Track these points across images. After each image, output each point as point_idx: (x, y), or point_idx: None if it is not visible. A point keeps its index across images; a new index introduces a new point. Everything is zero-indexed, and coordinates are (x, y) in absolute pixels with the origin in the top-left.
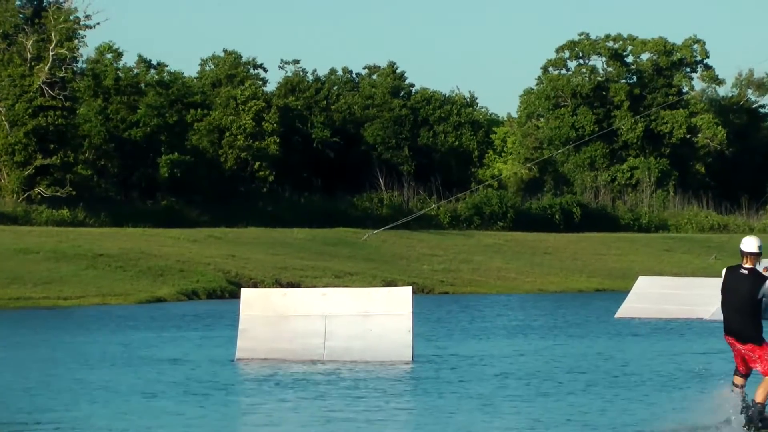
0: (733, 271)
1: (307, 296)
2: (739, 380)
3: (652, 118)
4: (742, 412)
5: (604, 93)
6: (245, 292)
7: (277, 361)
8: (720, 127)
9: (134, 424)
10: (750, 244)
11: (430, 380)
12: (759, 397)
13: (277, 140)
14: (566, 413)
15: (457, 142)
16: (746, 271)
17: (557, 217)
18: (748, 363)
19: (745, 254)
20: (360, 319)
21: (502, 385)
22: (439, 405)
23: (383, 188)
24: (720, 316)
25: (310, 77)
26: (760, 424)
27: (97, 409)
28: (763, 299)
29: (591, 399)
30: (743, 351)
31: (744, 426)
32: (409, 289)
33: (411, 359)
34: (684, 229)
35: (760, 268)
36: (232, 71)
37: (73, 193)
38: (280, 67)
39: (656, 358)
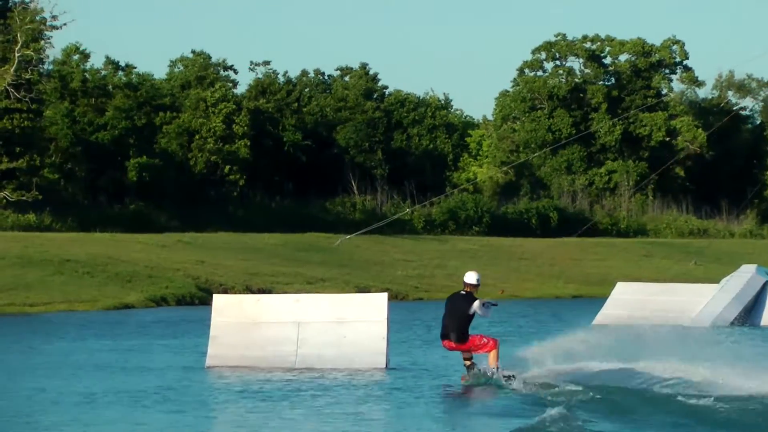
0: (455, 294)
1: (280, 302)
2: (467, 362)
3: (631, 120)
4: (508, 379)
5: (581, 95)
6: (217, 298)
7: (248, 369)
8: (700, 130)
9: None
10: (470, 277)
11: (404, 388)
12: (491, 363)
13: (248, 143)
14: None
15: (431, 145)
16: (464, 293)
17: (534, 221)
18: (472, 353)
19: (466, 284)
20: (334, 326)
21: (474, 392)
22: (412, 413)
23: (356, 192)
24: (700, 323)
25: (281, 79)
26: (505, 378)
27: (65, 419)
28: (476, 313)
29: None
30: (461, 349)
31: (508, 381)
32: (385, 295)
33: (385, 366)
34: (663, 234)
35: (479, 307)
36: (202, 73)
37: (40, 197)
38: (250, 68)
39: None
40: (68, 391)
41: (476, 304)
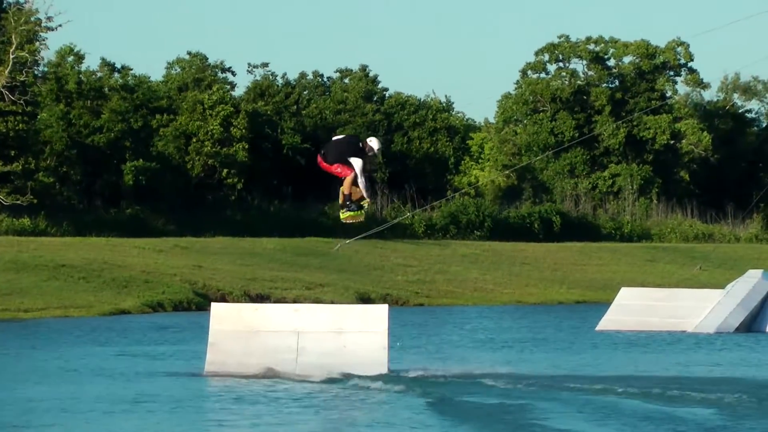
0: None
1: (279, 312)
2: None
3: (635, 123)
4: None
5: (584, 97)
6: (215, 307)
7: (246, 376)
8: (705, 133)
9: None
10: (374, 142)
11: (404, 396)
12: (344, 189)
13: (246, 146)
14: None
15: (432, 149)
16: (362, 147)
17: (536, 226)
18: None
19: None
20: (333, 336)
21: (478, 401)
22: (416, 421)
23: None
24: (705, 329)
25: (280, 81)
26: (348, 205)
27: (60, 427)
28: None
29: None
30: (330, 170)
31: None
32: (385, 306)
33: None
34: (667, 239)
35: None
36: (199, 75)
37: (35, 201)
38: (248, 70)
39: None
40: (66, 399)
41: (359, 163)
